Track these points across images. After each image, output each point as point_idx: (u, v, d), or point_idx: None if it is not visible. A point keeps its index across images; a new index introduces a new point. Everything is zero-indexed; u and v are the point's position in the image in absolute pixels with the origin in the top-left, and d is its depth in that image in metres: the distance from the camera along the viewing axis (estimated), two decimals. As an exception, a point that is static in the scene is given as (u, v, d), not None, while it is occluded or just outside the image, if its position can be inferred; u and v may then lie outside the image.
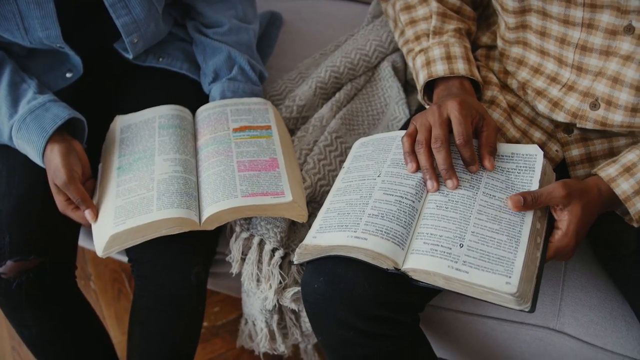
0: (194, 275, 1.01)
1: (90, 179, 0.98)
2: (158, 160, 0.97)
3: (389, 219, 0.81)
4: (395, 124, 1.17)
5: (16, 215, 0.97)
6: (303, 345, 1.18)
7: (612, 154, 0.93)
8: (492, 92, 0.98)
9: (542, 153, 0.84)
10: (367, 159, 0.93)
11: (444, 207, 0.81)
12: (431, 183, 0.83)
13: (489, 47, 1.05)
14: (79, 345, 1.09)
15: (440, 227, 0.79)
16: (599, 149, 0.94)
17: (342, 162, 1.10)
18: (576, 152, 0.95)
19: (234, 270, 1.02)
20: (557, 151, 0.96)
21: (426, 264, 0.76)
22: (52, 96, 0.98)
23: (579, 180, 0.80)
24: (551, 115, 0.94)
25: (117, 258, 1.36)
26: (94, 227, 0.93)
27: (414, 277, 0.77)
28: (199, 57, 1.16)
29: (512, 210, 0.77)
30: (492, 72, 1.02)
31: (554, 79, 0.93)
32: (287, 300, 0.99)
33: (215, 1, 1.15)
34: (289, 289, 0.99)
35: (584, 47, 0.87)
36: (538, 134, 0.97)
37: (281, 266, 0.99)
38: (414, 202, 0.83)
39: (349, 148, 1.11)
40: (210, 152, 1.00)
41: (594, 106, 0.89)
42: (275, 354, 1.13)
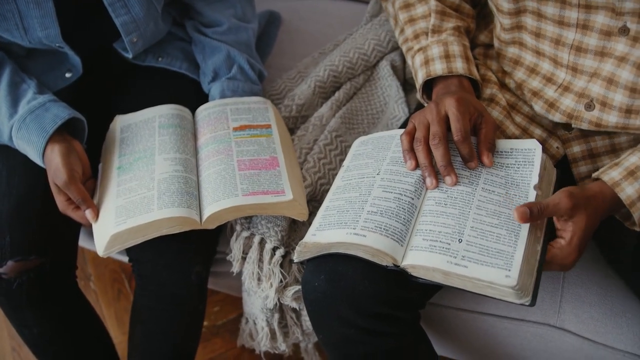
0: (195, 274, 1.01)
1: (90, 178, 0.98)
2: (158, 159, 0.97)
3: (388, 215, 0.81)
4: (394, 122, 1.18)
5: (16, 215, 0.97)
6: (304, 344, 1.18)
7: (614, 150, 0.93)
8: (491, 90, 0.98)
9: (541, 147, 0.84)
10: (366, 157, 0.93)
11: (442, 204, 0.81)
12: (430, 180, 0.83)
13: (486, 45, 1.05)
14: (80, 345, 1.09)
15: (439, 223, 0.79)
16: (600, 145, 0.93)
17: (342, 160, 1.10)
18: (577, 148, 0.95)
19: (235, 269, 1.02)
20: (557, 148, 0.96)
21: (425, 259, 0.76)
22: (52, 96, 0.98)
23: (583, 188, 0.78)
24: (547, 116, 0.94)
25: (117, 258, 1.36)
26: (94, 226, 0.93)
27: (413, 274, 0.77)
28: (198, 56, 1.16)
29: (519, 222, 0.75)
30: (490, 70, 1.02)
31: (549, 79, 0.93)
32: (288, 299, 0.99)
33: (214, 0, 1.15)
34: (290, 288, 0.99)
35: (579, 48, 0.87)
36: (538, 131, 0.97)
37: (282, 265, 0.99)
38: (413, 199, 0.83)
39: (349, 147, 1.11)
40: (211, 151, 1.00)
41: (589, 107, 0.89)
42: (276, 352, 1.14)
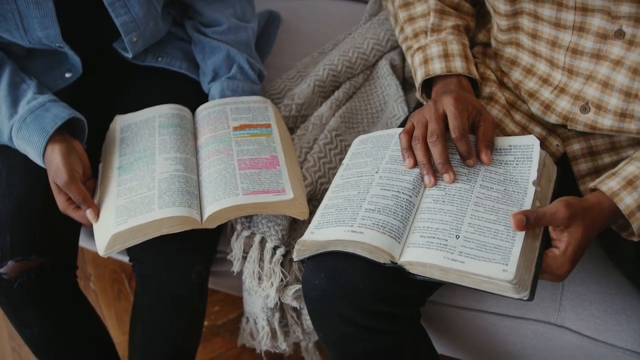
0: (195, 274, 1.01)
1: (90, 178, 0.98)
2: (159, 159, 0.97)
3: (386, 213, 0.81)
4: (394, 121, 1.18)
5: (17, 215, 0.97)
6: (304, 343, 1.18)
7: (614, 147, 0.93)
8: (491, 89, 0.98)
9: (539, 142, 0.84)
10: (365, 155, 0.93)
11: (440, 201, 0.81)
12: (428, 178, 0.84)
13: (485, 44, 1.06)
14: (80, 345, 1.09)
15: (436, 220, 0.79)
16: (600, 142, 0.94)
17: (342, 159, 1.10)
18: (577, 146, 0.95)
19: (235, 268, 1.02)
20: (557, 146, 0.96)
21: (422, 256, 0.76)
22: (52, 96, 0.98)
23: (581, 199, 0.78)
24: (543, 117, 0.94)
25: (117, 258, 1.36)
26: (95, 226, 0.93)
27: (411, 271, 0.78)
28: (198, 56, 1.16)
29: (515, 230, 0.74)
30: (489, 69, 1.02)
31: (545, 80, 0.93)
32: (288, 298, 0.99)
33: (214, 0, 1.15)
34: (291, 287, 0.99)
35: (575, 50, 0.87)
36: (538, 129, 0.97)
37: (282, 264, 0.99)
38: (411, 196, 0.83)
39: (349, 146, 1.11)
40: (211, 150, 1.00)
41: (584, 109, 0.89)
42: (276, 352, 1.14)
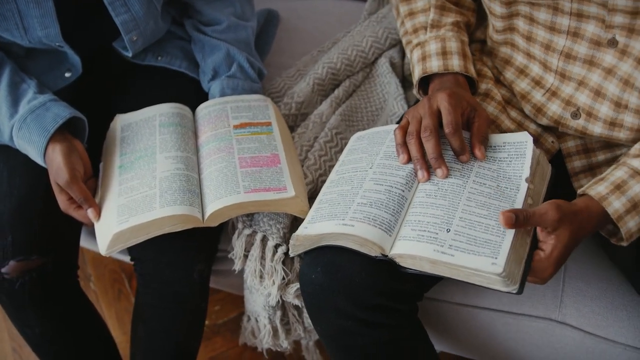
0: (197, 272, 1.01)
1: (91, 178, 0.98)
2: (160, 158, 0.97)
3: (377, 206, 0.82)
4: (394, 119, 1.18)
5: (18, 215, 0.97)
6: (305, 341, 1.18)
7: (608, 145, 0.94)
8: (487, 86, 0.99)
9: (532, 139, 0.84)
10: (361, 152, 0.94)
11: (433, 195, 0.82)
12: (422, 173, 0.84)
13: (482, 41, 1.06)
14: (82, 344, 1.09)
15: (428, 214, 0.80)
16: (595, 139, 0.94)
17: (339, 157, 1.10)
18: (572, 143, 0.96)
19: (237, 267, 1.02)
20: (552, 142, 0.97)
21: (412, 248, 0.77)
22: (53, 96, 0.98)
23: (570, 203, 0.78)
24: (535, 119, 0.95)
25: (118, 257, 1.36)
26: (96, 226, 0.93)
27: (401, 263, 0.78)
28: (198, 55, 1.16)
29: (504, 227, 0.74)
30: (486, 66, 1.03)
31: (538, 82, 0.94)
32: (290, 296, 0.99)
33: (214, -1, 1.15)
34: (292, 285, 0.99)
35: (569, 55, 0.88)
36: (533, 126, 0.97)
37: (284, 262, 0.99)
38: (403, 191, 0.84)
39: (349, 144, 1.11)
40: (212, 149, 1.00)
41: (575, 116, 0.90)
42: (277, 350, 1.14)
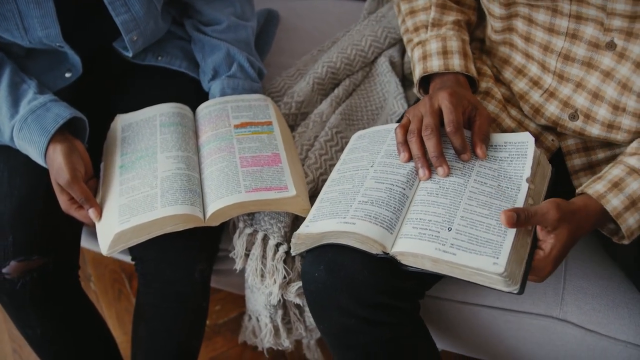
0: (199, 272, 1.02)
1: (92, 178, 0.98)
2: (160, 157, 0.97)
3: (378, 204, 0.82)
4: (394, 118, 1.18)
5: (18, 215, 0.96)
6: (306, 340, 1.18)
7: (608, 144, 0.94)
8: (487, 84, 0.99)
9: (534, 139, 0.84)
10: (362, 150, 0.94)
11: (434, 194, 0.82)
12: (423, 171, 0.84)
13: (482, 40, 1.06)
14: (82, 344, 1.09)
15: (429, 212, 0.80)
16: (595, 138, 0.94)
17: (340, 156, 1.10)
18: (572, 141, 0.96)
19: (238, 266, 1.02)
20: (552, 140, 0.97)
21: (414, 246, 0.77)
22: (53, 96, 0.98)
23: (569, 202, 0.78)
24: (534, 119, 0.96)
25: (119, 257, 1.36)
26: (98, 226, 0.93)
27: (403, 261, 0.78)
28: (198, 55, 1.16)
29: (505, 226, 0.74)
30: (486, 64, 1.03)
31: (536, 82, 0.94)
32: (291, 294, 0.99)
33: (214, -1, 1.15)
34: (294, 284, 0.99)
35: (567, 57, 0.88)
36: (533, 125, 0.98)
37: (285, 261, 0.99)
38: (404, 189, 0.84)
39: (349, 143, 1.12)
40: (213, 148, 1.00)
41: (573, 117, 0.91)
42: (278, 349, 1.14)
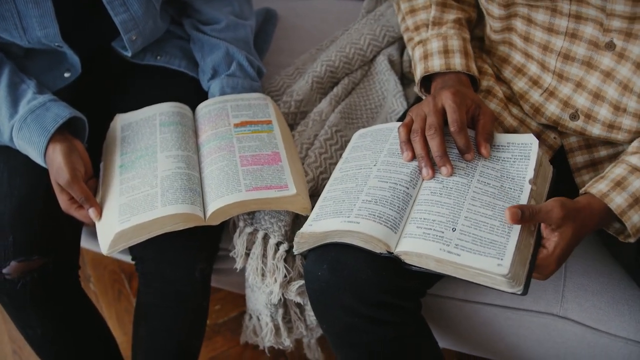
0: (199, 271, 1.02)
1: (92, 178, 0.98)
2: (160, 157, 0.97)
3: (382, 204, 0.82)
4: (393, 116, 1.18)
5: (18, 215, 0.96)
6: (306, 339, 1.18)
7: (609, 141, 0.94)
8: (488, 83, 0.99)
9: (537, 142, 0.85)
10: (364, 149, 0.94)
11: (438, 194, 0.82)
12: (426, 170, 0.84)
13: (482, 39, 1.06)
14: (83, 344, 1.09)
15: (433, 212, 0.80)
16: (595, 137, 0.95)
17: (342, 155, 1.10)
18: (574, 138, 0.96)
19: (239, 265, 1.02)
20: (555, 138, 0.97)
21: (418, 246, 0.77)
22: (52, 96, 0.98)
23: (573, 200, 0.78)
24: (534, 119, 0.96)
25: (119, 257, 1.36)
26: (98, 225, 0.93)
27: (407, 261, 0.79)
28: (197, 54, 1.16)
29: (510, 222, 0.75)
30: (487, 63, 1.03)
31: (536, 82, 0.94)
32: (292, 293, 0.99)
33: (212, -2, 1.15)
34: (294, 282, 0.99)
35: (567, 56, 0.88)
36: (535, 123, 0.98)
37: (286, 260, 0.99)
38: (408, 188, 0.84)
39: (349, 141, 1.11)
40: (213, 147, 1.00)
41: (574, 117, 0.91)
42: (279, 348, 1.14)
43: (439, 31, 0.97)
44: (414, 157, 0.86)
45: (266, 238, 1.00)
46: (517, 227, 0.76)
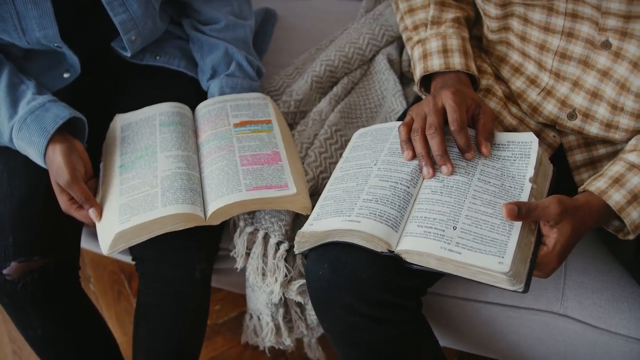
0: (199, 271, 1.01)
1: (92, 178, 0.98)
2: (160, 157, 0.97)
3: (383, 202, 0.82)
4: (392, 115, 1.18)
5: (18, 216, 0.96)
6: (307, 339, 1.18)
7: (608, 139, 0.94)
8: (488, 82, 0.99)
9: (537, 140, 0.85)
10: (365, 148, 0.95)
11: (438, 192, 0.82)
12: (427, 169, 0.84)
13: (479, 38, 1.06)
14: (83, 345, 1.09)
15: (434, 210, 0.80)
16: (593, 136, 0.95)
17: (342, 154, 1.10)
18: (573, 137, 0.96)
19: (239, 264, 1.02)
20: (554, 136, 0.97)
21: (419, 245, 0.77)
22: (52, 96, 0.98)
23: (572, 198, 0.79)
24: (532, 119, 0.96)
25: (118, 257, 1.35)
26: (98, 225, 0.93)
27: (408, 259, 0.79)
28: (196, 54, 1.16)
29: (506, 219, 0.75)
30: (486, 62, 1.03)
31: (533, 81, 0.95)
32: (292, 293, 0.99)
33: (211, -2, 1.15)
34: (295, 282, 0.99)
35: (563, 55, 0.89)
36: (534, 121, 0.98)
37: (286, 259, 0.99)
38: (408, 187, 0.84)
39: (349, 140, 1.11)
40: (213, 147, 1.00)
41: (572, 116, 0.91)
42: (280, 348, 1.14)
43: (438, 30, 0.97)
44: (414, 156, 0.86)
45: (267, 237, 1.00)
46: (518, 225, 0.76)
